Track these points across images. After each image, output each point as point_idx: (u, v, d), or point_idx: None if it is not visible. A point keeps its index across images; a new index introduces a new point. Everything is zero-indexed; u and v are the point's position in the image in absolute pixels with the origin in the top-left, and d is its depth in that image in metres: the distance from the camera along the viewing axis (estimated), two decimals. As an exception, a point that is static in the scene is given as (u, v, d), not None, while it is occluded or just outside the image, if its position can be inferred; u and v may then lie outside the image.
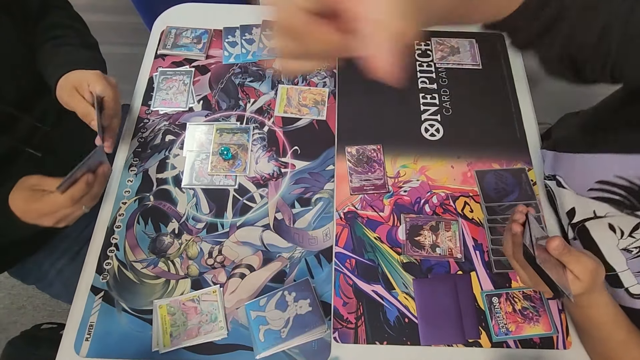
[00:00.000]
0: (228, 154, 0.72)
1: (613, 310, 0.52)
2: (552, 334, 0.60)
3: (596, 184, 0.55)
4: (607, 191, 0.54)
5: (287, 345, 0.59)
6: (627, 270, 0.54)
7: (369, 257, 0.65)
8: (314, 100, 0.79)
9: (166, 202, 0.69)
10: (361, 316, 0.61)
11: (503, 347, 0.59)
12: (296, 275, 0.64)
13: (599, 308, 0.52)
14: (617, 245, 0.55)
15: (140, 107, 0.78)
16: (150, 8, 1.01)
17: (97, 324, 0.60)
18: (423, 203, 0.69)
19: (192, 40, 0.84)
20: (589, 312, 0.53)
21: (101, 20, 1.12)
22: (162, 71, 0.81)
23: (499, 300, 0.62)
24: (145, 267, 0.64)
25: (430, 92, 0.80)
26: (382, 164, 0.72)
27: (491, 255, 0.65)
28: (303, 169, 0.72)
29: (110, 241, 0.66)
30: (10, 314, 1.37)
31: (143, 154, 0.74)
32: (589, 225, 0.58)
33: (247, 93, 0.80)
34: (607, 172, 0.54)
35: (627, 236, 0.54)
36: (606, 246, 0.56)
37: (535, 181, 0.71)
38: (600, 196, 0.55)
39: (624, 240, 0.54)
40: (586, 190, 0.57)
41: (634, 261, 0.53)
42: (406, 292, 0.63)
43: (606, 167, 0.54)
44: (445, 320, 0.61)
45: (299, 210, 0.69)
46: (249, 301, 0.61)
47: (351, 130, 0.76)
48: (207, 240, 0.66)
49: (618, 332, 0.52)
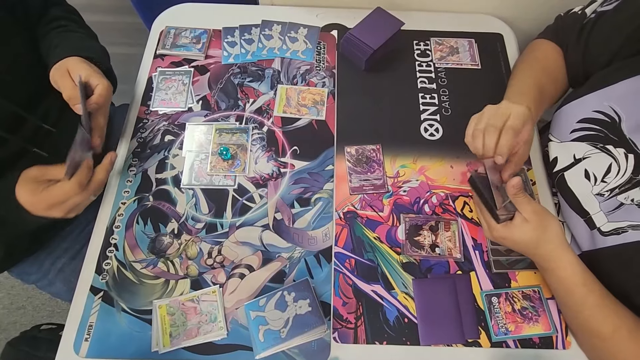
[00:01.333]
0: (227, 154, 0.72)
1: (581, 270, 0.55)
2: (551, 333, 0.60)
3: (577, 123, 0.62)
4: (586, 129, 0.61)
5: (287, 345, 0.59)
6: (599, 212, 0.58)
7: (369, 257, 0.65)
8: (313, 100, 0.79)
9: (165, 202, 0.69)
10: (361, 316, 0.61)
11: (502, 347, 0.59)
12: (296, 276, 0.64)
13: (566, 267, 0.55)
14: (592, 191, 0.60)
15: (139, 107, 0.78)
16: (150, 8, 1.01)
17: (97, 325, 0.60)
18: (422, 203, 0.69)
19: (191, 40, 0.84)
20: (559, 273, 0.55)
21: (101, 20, 1.11)
22: (161, 71, 0.81)
23: (498, 300, 0.62)
24: (144, 267, 0.64)
25: (430, 92, 0.80)
26: (381, 164, 0.72)
27: (490, 255, 0.65)
28: (302, 169, 0.72)
29: (110, 241, 0.66)
30: (10, 314, 1.37)
31: (142, 154, 0.73)
32: (566, 175, 0.64)
33: (246, 93, 0.80)
34: (586, 110, 0.61)
35: (599, 182, 0.59)
36: (581, 193, 0.61)
37: (535, 181, 0.71)
38: (580, 135, 0.62)
39: (597, 186, 0.59)
40: (569, 133, 0.63)
41: (606, 203, 0.58)
42: (406, 292, 0.63)
43: (586, 107, 0.61)
44: (445, 320, 0.61)
45: (299, 210, 0.69)
46: (249, 301, 0.61)
47: (350, 130, 0.76)
48: (207, 241, 0.66)
49: (591, 295, 0.54)
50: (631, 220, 0.54)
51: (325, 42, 0.86)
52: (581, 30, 0.66)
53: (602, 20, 0.64)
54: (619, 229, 0.55)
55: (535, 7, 0.69)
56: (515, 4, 0.87)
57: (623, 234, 0.55)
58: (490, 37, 0.87)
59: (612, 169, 0.58)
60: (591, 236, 0.59)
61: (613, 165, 0.58)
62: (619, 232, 0.55)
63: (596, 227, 0.58)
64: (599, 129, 0.60)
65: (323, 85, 0.81)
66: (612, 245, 0.56)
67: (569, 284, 0.55)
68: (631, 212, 0.55)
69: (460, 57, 0.84)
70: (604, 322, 0.53)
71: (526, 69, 0.71)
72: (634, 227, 0.54)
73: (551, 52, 0.72)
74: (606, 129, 0.59)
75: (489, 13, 0.89)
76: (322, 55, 0.84)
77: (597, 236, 0.58)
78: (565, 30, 0.70)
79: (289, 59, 0.83)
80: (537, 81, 0.67)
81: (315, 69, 0.82)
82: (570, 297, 0.55)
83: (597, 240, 0.58)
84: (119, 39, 1.19)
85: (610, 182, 0.58)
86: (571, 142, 0.63)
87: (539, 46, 0.74)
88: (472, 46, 0.85)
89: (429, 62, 0.84)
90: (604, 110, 0.59)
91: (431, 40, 0.86)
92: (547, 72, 0.70)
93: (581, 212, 0.61)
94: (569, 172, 0.64)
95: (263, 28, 0.86)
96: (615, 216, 0.56)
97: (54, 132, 0.71)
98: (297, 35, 0.86)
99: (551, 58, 0.71)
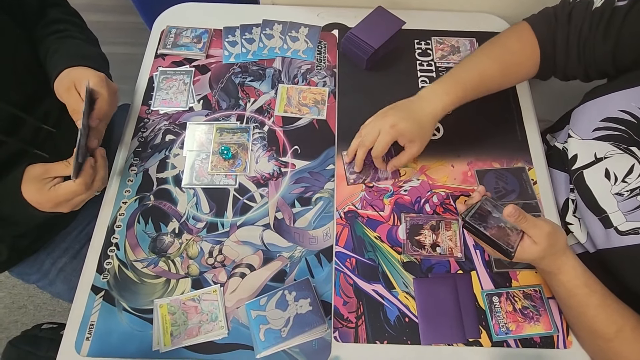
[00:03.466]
0: (228, 154, 0.72)
1: (582, 273, 0.54)
2: (552, 333, 0.60)
3: (601, 122, 0.60)
4: (609, 128, 0.59)
5: (288, 344, 0.59)
6: (617, 211, 0.57)
7: (369, 257, 0.65)
8: (314, 100, 0.79)
9: (166, 202, 0.69)
10: (361, 315, 0.61)
11: (503, 347, 0.59)
12: (296, 275, 0.64)
13: (568, 272, 0.55)
14: (611, 190, 0.58)
15: (140, 107, 0.78)
16: (150, 8, 1.01)
17: (98, 324, 0.60)
18: (423, 202, 0.69)
19: (192, 40, 0.84)
20: (560, 277, 0.55)
21: (101, 20, 1.12)
22: (162, 71, 0.81)
23: (499, 300, 0.62)
24: (145, 266, 0.64)
25: (431, 91, 0.80)
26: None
27: (491, 255, 0.65)
28: (303, 168, 0.72)
29: (111, 241, 0.66)
30: (11, 313, 1.37)
31: (143, 153, 0.74)
32: (585, 173, 0.61)
33: (247, 92, 0.80)
34: (612, 108, 0.59)
35: (620, 182, 0.57)
36: (599, 191, 0.59)
37: (535, 180, 0.71)
38: (603, 135, 0.59)
39: (617, 186, 0.57)
40: (591, 131, 0.61)
41: (625, 202, 0.56)
42: (406, 291, 0.63)
43: (612, 105, 0.59)
44: (446, 320, 0.61)
45: (299, 209, 0.69)
46: (249, 300, 0.61)
47: (351, 129, 0.76)
48: (208, 240, 0.66)
49: (593, 296, 0.53)
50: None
51: (326, 41, 0.86)
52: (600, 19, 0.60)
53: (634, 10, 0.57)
54: (637, 228, 0.54)
55: (536, 5, 0.69)
56: (516, 3, 0.87)
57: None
58: (491, 36, 0.86)
59: (635, 170, 0.56)
60: (606, 235, 0.58)
61: (636, 166, 0.56)
62: (637, 231, 0.54)
63: (613, 226, 0.57)
64: (624, 129, 0.58)
65: (324, 85, 0.81)
66: (629, 244, 0.54)
67: (571, 286, 0.55)
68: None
69: (461, 57, 0.84)
70: (607, 322, 0.52)
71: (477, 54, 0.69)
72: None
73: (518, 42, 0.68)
74: (631, 130, 0.57)
75: (490, 12, 0.89)
76: (323, 54, 0.84)
77: (613, 235, 0.57)
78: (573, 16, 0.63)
79: (289, 59, 0.83)
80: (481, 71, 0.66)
81: (316, 69, 0.82)
82: (572, 299, 0.55)
83: (612, 239, 0.57)
84: (120, 38, 1.19)
85: (631, 183, 0.56)
86: (593, 140, 0.61)
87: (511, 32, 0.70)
88: (473, 45, 0.85)
89: (430, 61, 0.84)
90: (631, 110, 0.57)
91: (432, 40, 0.86)
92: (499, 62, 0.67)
93: (597, 211, 0.59)
94: (588, 170, 0.61)
95: (264, 27, 0.86)
96: (634, 216, 0.55)
97: (54, 132, 0.71)
98: (298, 34, 0.86)
99: (515, 48, 0.68)
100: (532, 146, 0.74)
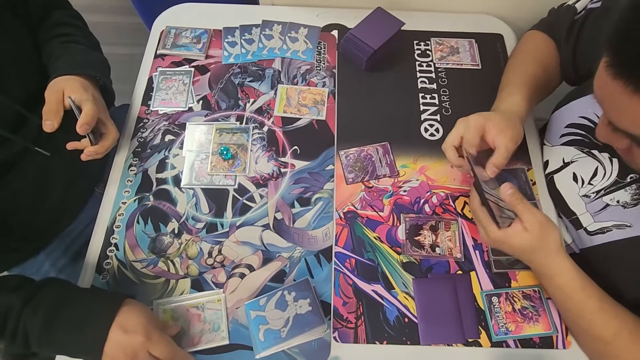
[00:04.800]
0: (228, 154, 0.72)
1: (578, 276, 0.55)
2: (551, 333, 0.60)
3: (565, 128, 0.65)
4: (572, 134, 0.64)
5: (287, 344, 0.59)
6: (586, 213, 0.60)
7: (369, 257, 0.65)
8: (314, 100, 0.79)
9: (166, 202, 0.69)
10: (361, 316, 0.61)
11: (503, 347, 0.59)
12: (296, 275, 0.64)
13: (564, 274, 0.55)
14: (578, 193, 0.62)
15: (139, 107, 0.78)
16: (150, 8, 1.01)
17: (97, 324, 0.60)
18: (423, 203, 0.69)
19: (191, 40, 0.84)
20: (557, 280, 0.56)
21: (101, 20, 1.12)
22: (161, 71, 0.81)
23: (498, 300, 0.62)
24: (145, 267, 0.64)
25: (430, 92, 0.80)
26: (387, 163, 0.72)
27: (491, 255, 0.65)
28: (303, 168, 0.72)
29: (110, 241, 0.66)
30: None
31: (142, 153, 0.74)
32: (556, 178, 0.66)
33: (246, 93, 0.80)
34: (573, 115, 0.64)
35: (586, 184, 0.61)
36: (569, 194, 0.63)
37: (535, 181, 0.71)
38: (568, 140, 0.64)
39: (584, 188, 0.61)
40: (559, 137, 0.66)
41: (592, 204, 0.60)
42: (406, 291, 0.63)
43: (574, 112, 0.64)
44: (445, 320, 0.61)
45: (299, 210, 0.69)
46: (249, 301, 0.61)
47: (351, 130, 0.76)
48: (207, 240, 0.66)
49: (590, 300, 0.54)
50: (616, 220, 0.56)
51: (325, 42, 0.86)
52: (571, 26, 0.66)
53: (590, 18, 0.63)
54: (604, 228, 0.57)
55: (536, 7, 0.69)
56: (515, 4, 0.87)
57: (608, 232, 0.56)
58: (491, 37, 0.87)
59: (599, 172, 0.59)
60: (578, 236, 0.61)
61: (599, 168, 0.59)
62: (604, 231, 0.57)
63: (582, 227, 0.60)
64: (584, 134, 0.62)
65: (323, 85, 0.81)
66: (598, 244, 0.57)
67: (567, 290, 0.55)
68: (616, 213, 0.56)
69: (460, 57, 0.84)
70: (605, 326, 0.53)
71: (517, 63, 0.71)
72: (617, 226, 0.55)
73: (542, 43, 0.71)
74: (590, 134, 0.61)
75: (489, 13, 0.90)
76: (322, 55, 0.84)
77: (583, 236, 0.60)
78: (557, 24, 0.70)
79: (289, 59, 0.83)
80: (530, 73, 0.68)
81: (315, 69, 0.82)
82: (569, 303, 0.55)
83: (584, 240, 0.60)
84: (119, 39, 1.19)
85: (596, 185, 0.59)
86: (560, 146, 0.66)
87: (530, 38, 0.74)
88: (472, 46, 0.85)
89: (429, 62, 0.84)
90: (587, 115, 0.61)
91: (431, 41, 0.86)
92: (538, 63, 0.69)
93: (567, 213, 0.63)
94: (558, 175, 0.65)
95: (263, 28, 0.86)
96: (601, 216, 0.58)
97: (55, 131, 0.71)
98: (297, 35, 0.86)
99: (542, 48, 0.71)
100: (531, 147, 0.74)
